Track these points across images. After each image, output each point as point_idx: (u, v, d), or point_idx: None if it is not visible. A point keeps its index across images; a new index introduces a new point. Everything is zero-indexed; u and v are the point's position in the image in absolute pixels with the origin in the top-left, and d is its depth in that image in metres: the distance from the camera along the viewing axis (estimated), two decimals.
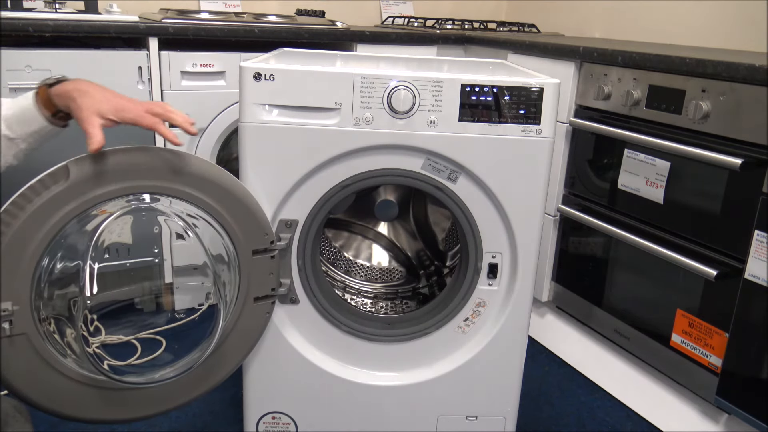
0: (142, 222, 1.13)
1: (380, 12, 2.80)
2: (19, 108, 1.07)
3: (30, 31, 1.65)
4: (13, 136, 1.07)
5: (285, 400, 1.36)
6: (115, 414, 1.12)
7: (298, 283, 1.28)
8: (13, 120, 1.06)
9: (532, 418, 1.64)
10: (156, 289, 1.35)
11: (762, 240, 1.32)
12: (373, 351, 1.35)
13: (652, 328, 1.62)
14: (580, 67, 1.77)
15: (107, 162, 1.03)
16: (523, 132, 1.20)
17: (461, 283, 1.31)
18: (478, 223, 1.26)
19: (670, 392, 1.63)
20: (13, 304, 0.98)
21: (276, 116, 1.17)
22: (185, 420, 1.57)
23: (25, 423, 0.96)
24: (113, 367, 1.04)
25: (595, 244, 1.79)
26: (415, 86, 1.16)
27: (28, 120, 1.07)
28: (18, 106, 1.07)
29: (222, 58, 1.90)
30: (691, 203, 1.49)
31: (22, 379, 1.00)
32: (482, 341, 1.34)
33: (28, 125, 1.07)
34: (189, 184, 1.09)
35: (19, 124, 1.07)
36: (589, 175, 1.79)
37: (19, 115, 1.07)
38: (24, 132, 1.07)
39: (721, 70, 1.38)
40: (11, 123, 1.06)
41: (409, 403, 1.37)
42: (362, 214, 1.70)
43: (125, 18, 1.86)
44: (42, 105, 1.07)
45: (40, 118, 1.07)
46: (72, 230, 1.02)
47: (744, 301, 1.37)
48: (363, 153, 1.20)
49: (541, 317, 2.05)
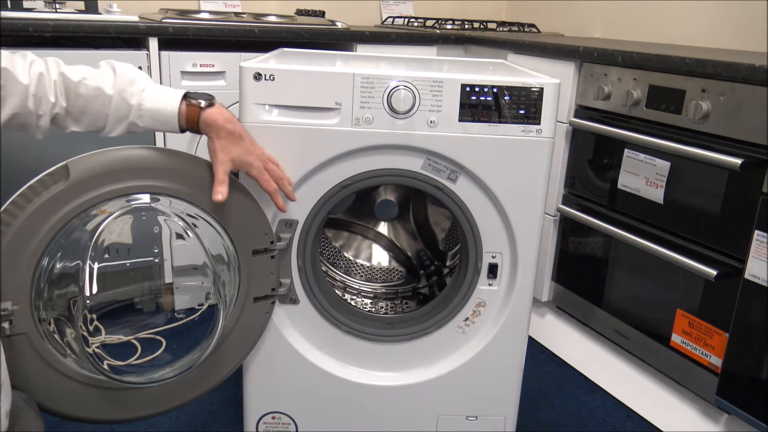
0: (142, 222, 1.13)
1: (380, 12, 2.80)
2: (161, 108, 1.04)
3: (30, 31, 1.65)
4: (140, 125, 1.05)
5: (285, 400, 1.36)
6: (115, 414, 1.12)
7: (298, 283, 1.28)
8: (148, 114, 1.04)
9: (532, 418, 1.64)
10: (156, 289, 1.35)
11: (762, 240, 1.32)
12: (373, 351, 1.35)
13: (652, 328, 1.62)
14: (580, 67, 1.77)
15: (107, 162, 1.03)
16: (523, 132, 1.20)
17: (461, 283, 1.31)
18: (478, 223, 1.26)
19: (670, 392, 1.63)
20: (13, 303, 0.98)
21: (276, 116, 1.17)
22: (185, 420, 1.57)
23: (36, 416, 0.96)
24: (113, 367, 1.04)
25: (595, 244, 1.79)
26: (415, 86, 1.16)
27: (161, 122, 1.05)
28: (159, 105, 1.04)
29: (222, 58, 1.90)
30: (691, 203, 1.49)
31: (22, 379, 1.00)
32: (482, 341, 1.34)
33: (159, 125, 1.06)
34: (189, 184, 1.09)
35: (152, 120, 1.05)
36: (589, 175, 1.79)
37: (156, 114, 1.05)
38: (150, 127, 1.06)
39: (721, 70, 1.38)
40: (145, 115, 1.04)
41: (409, 403, 1.37)
42: (362, 214, 1.70)
43: (125, 18, 1.86)
44: (186, 120, 1.06)
45: (175, 126, 1.06)
46: (72, 230, 1.02)
47: (744, 301, 1.37)
48: (363, 153, 1.20)
49: (541, 317, 2.05)
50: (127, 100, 1.03)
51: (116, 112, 1.03)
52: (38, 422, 0.96)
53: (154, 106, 1.04)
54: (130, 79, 1.04)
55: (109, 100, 1.02)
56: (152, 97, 1.05)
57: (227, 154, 1.08)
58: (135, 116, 1.04)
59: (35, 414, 0.97)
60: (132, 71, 1.05)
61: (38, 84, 0.97)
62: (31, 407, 0.97)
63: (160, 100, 1.05)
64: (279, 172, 1.16)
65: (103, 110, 1.03)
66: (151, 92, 1.05)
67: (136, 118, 1.04)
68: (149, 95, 1.04)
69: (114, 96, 1.02)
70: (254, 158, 1.11)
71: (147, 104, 1.04)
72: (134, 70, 1.06)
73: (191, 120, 1.06)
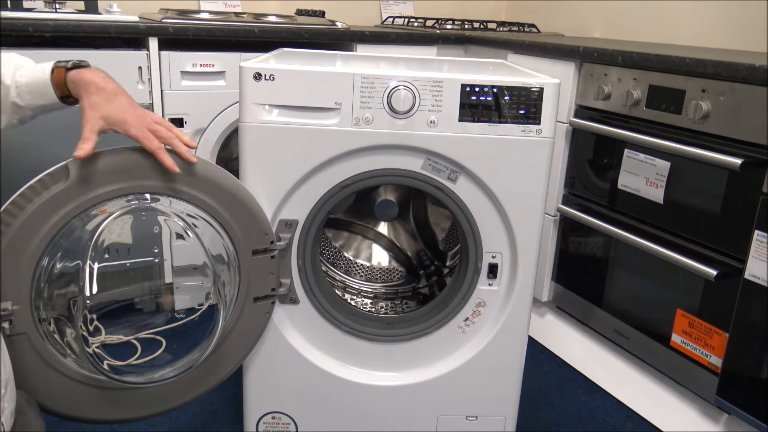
0: (142, 222, 1.13)
1: (380, 12, 2.80)
2: (34, 79, 1.04)
3: (30, 31, 1.65)
4: (22, 104, 1.05)
5: (285, 400, 1.36)
6: (115, 414, 1.13)
7: (298, 283, 1.28)
8: (26, 89, 1.04)
9: (532, 418, 1.64)
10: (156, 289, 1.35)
11: (762, 240, 1.32)
12: (373, 351, 1.35)
13: (652, 328, 1.62)
14: (580, 67, 1.77)
15: (107, 162, 1.03)
16: (523, 132, 1.20)
17: (461, 283, 1.31)
18: (478, 223, 1.26)
19: (670, 392, 1.63)
20: (13, 303, 0.98)
21: (276, 116, 1.17)
22: (185, 420, 1.57)
23: (37, 416, 0.96)
24: (113, 367, 1.04)
25: (595, 244, 1.79)
26: (415, 86, 1.16)
27: (40, 94, 1.05)
28: (33, 77, 1.05)
29: (222, 58, 1.90)
30: (691, 203, 1.49)
31: (22, 379, 1.00)
32: (482, 341, 1.34)
33: (40, 98, 1.05)
34: (189, 184, 1.09)
35: (30, 95, 1.05)
36: (589, 175, 1.79)
37: (32, 86, 1.04)
38: (34, 104, 1.06)
39: (721, 70, 1.38)
40: (23, 91, 1.04)
41: (409, 403, 1.37)
42: (362, 214, 1.70)
43: (125, 18, 1.86)
44: (56, 85, 1.04)
45: (52, 95, 1.05)
46: (72, 230, 1.02)
47: (744, 301, 1.37)
48: (363, 153, 1.20)
49: (541, 317, 2.05)
50: (4, 81, 1.04)
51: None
52: (39, 421, 0.96)
53: (29, 80, 1.04)
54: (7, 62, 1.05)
55: None
56: (27, 72, 1.05)
57: (97, 111, 1.01)
58: (14, 95, 1.04)
59: (36, 413, 0.97)
60: (18, 59, 1.07)
61: None
62: (32, 407, 0.97)
63: (33, 72, 1.05)
64: (166, 132, 1.07)
65: None
66: (26, 69, 1.06)
67: (15, 96, 1.04)
68: (25, 71, 1.05)
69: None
70: (132, 117, 1.03)
71: (23, 80, 1.04)
72: (21, 58, 1.07)
73: (59, 83, 1.04)
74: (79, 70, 1.04)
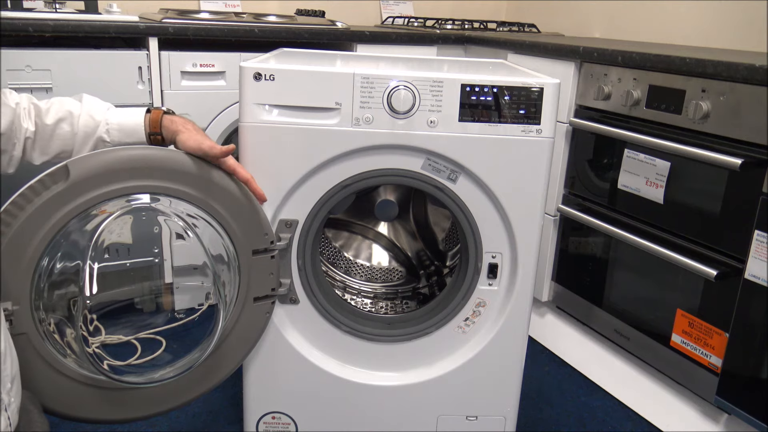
0: (142, 222, 1.13)
1: (380, 12, 2.80)
2: (126, 121, 1.13)
3: (30, 31, 1.65)
4: (107, 140, 1.12)
5: (285, 400, 1.36)
6: (115, 414, 1.13)
7: (298, 283, 1.28)
8: (116, 128, 1.12)
9: (532, 418, 1.64)
10: (156, 289, 1.35)
11: (762, 240, 1.32)
12: (373, 351, 1.35)
13: (652, 328, 1.62)
14: (580, 67, 1.77)
15: (107, 162, 1.03)
16: (523, 132, 1.20)
17: (461, 283, 1.31)
18: (478, 223, 1.26)
19: (670, 392, 1.63)
20: (13, 304, 0.98)
21: (276, 116, 1.17)
22: (185, 420, 1.57)
23: (40, 415, 0.97)
24: (113, 367, 1.04)
25: (595, 244, 1.79)
26: (415, 86, 1.16)
27: (129, 133, 1.13)
28: (125, 119, 1.13)
29: (222, 58, 1.90)
30: (691, 203, 1.49)
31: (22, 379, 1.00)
32: (482, 341, 1.34)
33: (128, 137, 1.13)
34: (189, 184, 1.09)
35: (119, 133, 1.13)
36: (589, 175, 1.79)
37: (123, 127, 1.13)
38: (120, 141, 1.13)
39: (721, 70, 1.38)
40: (113, 130, 1.12)
41: (409, 403, 1.37)
42: (362, 214, 1.70)
43: (125, 18, 1.86)
44: (149, 122, 1.13)
45: (142, 135, 1.13)
46: (72, 230, 1.02)
47: (744, 301, 1.37)
48: (363, 153, 1.20)
49: (541, 317, 2.05)
50: (95, 116, 1.11)
51: (84, 129, 1.10)
52: (43, 420, 0.96)
53: (121, 120, 1.13)
54: (97, 102, 1.14)
55: (77, 120, 1.10)
56: (118, 112, 1.14)
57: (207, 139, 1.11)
58: (102, 131, 1.12)
59: (40, 412, 0.97)
60: (97, 99, 1.15)
61: (16, 111, 1.05)
62: (35, 406, 0.97)
63: (126, 114, 1.14)
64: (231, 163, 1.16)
65: (71, 130, 1.10)
66: (115, 109, 1.15)
67: (103, 132, 1.12)
68: (115, 111, 1.14)
69: (82, 114, 1.10)
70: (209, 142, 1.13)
71: (114, 119, 1.12)
72: (98, 99, 1.16)
73: (155, 122, 1.13)
74: (171, 114, 1.16)
